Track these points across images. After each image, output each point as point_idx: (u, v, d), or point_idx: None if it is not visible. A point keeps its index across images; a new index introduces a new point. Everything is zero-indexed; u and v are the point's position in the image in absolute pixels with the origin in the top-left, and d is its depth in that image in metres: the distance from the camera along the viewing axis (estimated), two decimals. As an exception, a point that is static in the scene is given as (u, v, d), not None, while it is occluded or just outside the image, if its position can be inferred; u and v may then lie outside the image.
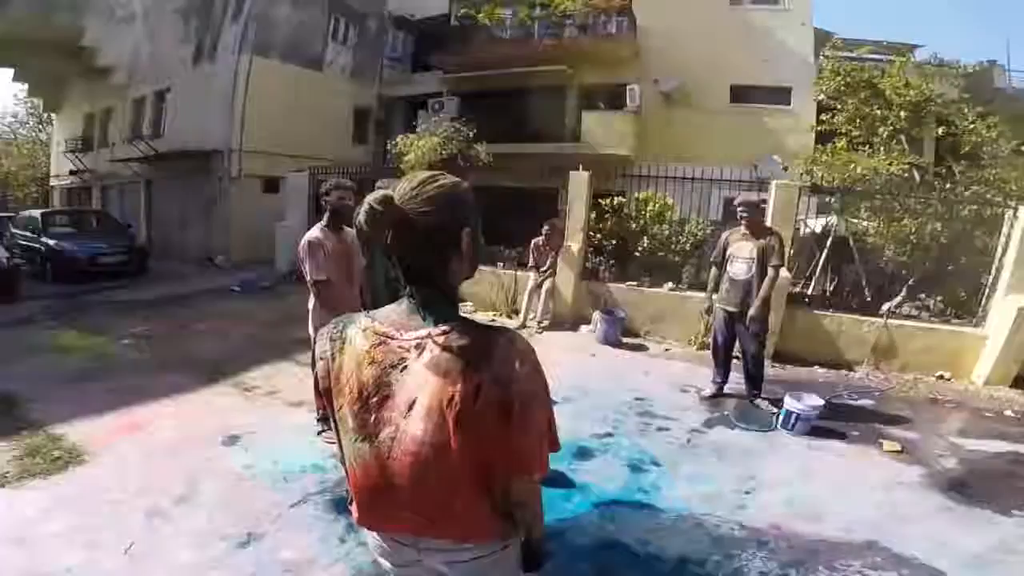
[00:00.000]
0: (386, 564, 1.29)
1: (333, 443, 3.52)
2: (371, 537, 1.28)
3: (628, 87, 12.27)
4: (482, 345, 1.01)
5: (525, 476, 1.10)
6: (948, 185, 7.22)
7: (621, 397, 4.86)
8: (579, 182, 7.34)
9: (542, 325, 7.01)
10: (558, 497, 3.13)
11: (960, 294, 7.10)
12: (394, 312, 1.09)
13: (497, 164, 8.45)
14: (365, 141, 16.53)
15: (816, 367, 6.50)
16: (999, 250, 6.55)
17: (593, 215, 7.55)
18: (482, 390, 0.98)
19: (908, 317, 6.90)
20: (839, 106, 8.44)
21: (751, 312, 4.58)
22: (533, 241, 7.26)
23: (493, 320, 7.38)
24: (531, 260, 7.26)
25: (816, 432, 4.35)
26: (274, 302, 8.64)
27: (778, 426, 4.47)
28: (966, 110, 7.74)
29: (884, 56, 9.20)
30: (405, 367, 1.03)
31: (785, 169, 9.27)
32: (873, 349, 6.64)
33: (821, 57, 10.26)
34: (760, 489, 3.43)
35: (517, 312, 7.49)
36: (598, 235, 7.60)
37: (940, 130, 7.81)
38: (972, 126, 7.56)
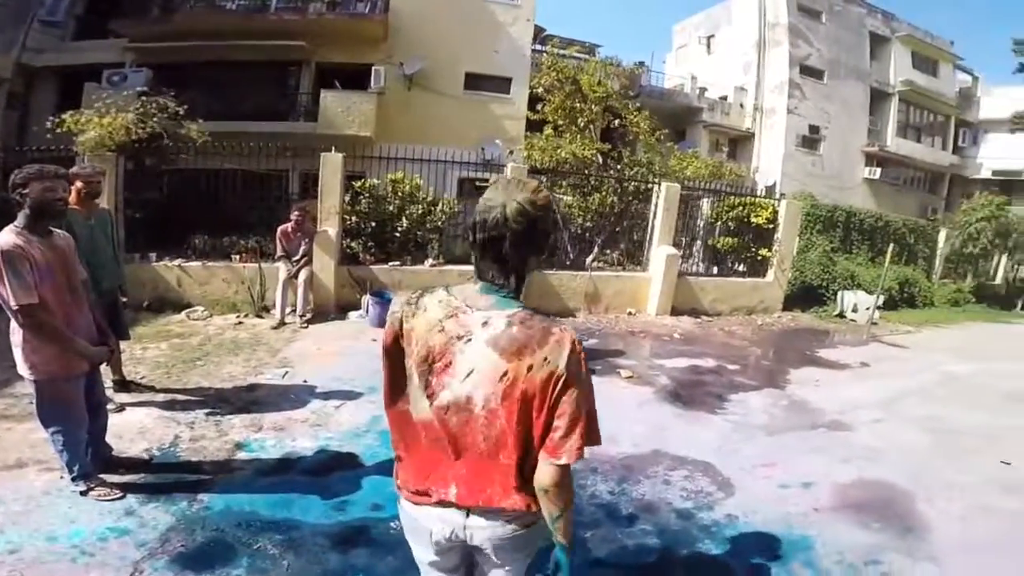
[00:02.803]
0: (424, 555, 1.35)
1: (109, 499, 2.95)
2: (413, 519, 1.30)
3: (373, 68, 11.83)
4: (541, 331, 1.16)
5: (551, 458, 1.16)
6: (619, 166, 9.36)
7: (420, 374, 5.00)
8: (332, 164, 6.92)
9: (305, 319, 6.48)
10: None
11: (631, 248, 9.43)
12: (469, 289, 1.22)
13: (217, 145, 7.28)
14: (-13, 118, 11.94)
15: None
16: (652, 214, 8.89)
17: (347, 197, 7.26)
18: (532, 370, 1.14)
19: (601, 269, 8.83)
20: (550, 98, 9.93)
21: None
22: (280, 228, 6.57)
23: (240, 321, 6.49)
24: (279, 249, 6.58)
25: (574, 372, 5.32)
26: None
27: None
28: (631, 106, 10.10)
29: (583, 56, 11.20)
30: (470, 340, 1.16)
31: (511, 153, 10.49)
32: (584, 297, 8.34)
33: (544, 53, 11.88)
34: (563, 429, 4.09)
35: (268, 309, 6.75)
36: (354, 218, 7.36)
37: (616, 121, 9.98)
38: (635, 119, 9.92)
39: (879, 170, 19.98)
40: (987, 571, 2.72)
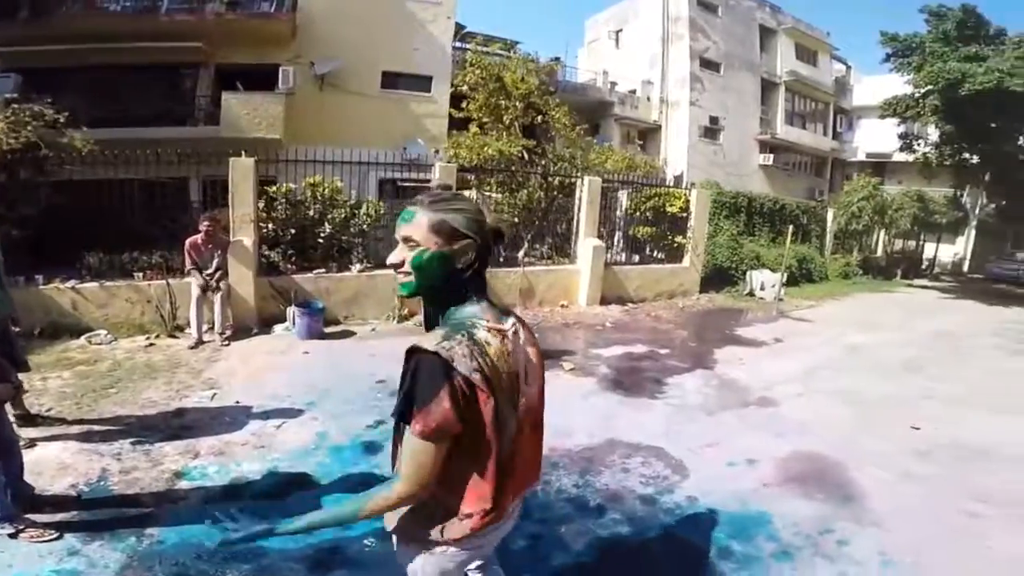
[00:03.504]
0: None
1: (45, 540, 2.72)
2: (462, 554, 1.31)
3: (281, 68, 11.14)
4: (527, 323, 1.42)
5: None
6: (544, 162, 9.48)
7: (364, 383, 4.78)
8: (242, 168, 6.42)
9: (225, 336, 6.02)
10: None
11: (558, 241, 9.61)
12: (481, 311, 1.27)
13: (107, 154, 6.60)
14: None
15: (486, 317, 7.77)
16: (576, 208, 9.10)
17: (261, 204, 6.81)
18: (539, 351, 1.41)
19: (532, 264, 8.93)
20: (475, 96, 9.84)
21: None
22: (188, 240, 6.05)
23: (151, 343, 5.92)
24: (188, 262, 6.06)
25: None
26: None
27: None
28: (551, 101, 10.23)
29: (504, 53, 11.16)
30: (516, 351, 1.30)
31: (436, 152, 10.28)
32: (520, 292, 8.39)
33: (466, 51, 11.70)
34: (515, 427, 4.10)
35: (182, 329, 6.20)
36: (271, 225, 6.92)
37: (539, 118, 10.08)
38: (556, 114, 10.07)
39: (772, 156, 21.65)
40: (922, 533, 2.95)
